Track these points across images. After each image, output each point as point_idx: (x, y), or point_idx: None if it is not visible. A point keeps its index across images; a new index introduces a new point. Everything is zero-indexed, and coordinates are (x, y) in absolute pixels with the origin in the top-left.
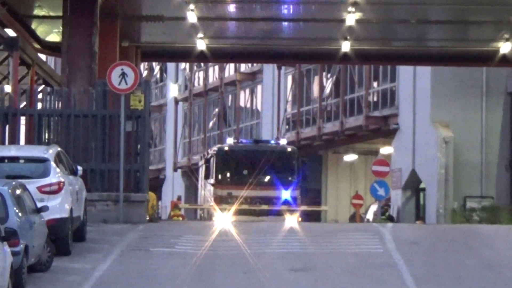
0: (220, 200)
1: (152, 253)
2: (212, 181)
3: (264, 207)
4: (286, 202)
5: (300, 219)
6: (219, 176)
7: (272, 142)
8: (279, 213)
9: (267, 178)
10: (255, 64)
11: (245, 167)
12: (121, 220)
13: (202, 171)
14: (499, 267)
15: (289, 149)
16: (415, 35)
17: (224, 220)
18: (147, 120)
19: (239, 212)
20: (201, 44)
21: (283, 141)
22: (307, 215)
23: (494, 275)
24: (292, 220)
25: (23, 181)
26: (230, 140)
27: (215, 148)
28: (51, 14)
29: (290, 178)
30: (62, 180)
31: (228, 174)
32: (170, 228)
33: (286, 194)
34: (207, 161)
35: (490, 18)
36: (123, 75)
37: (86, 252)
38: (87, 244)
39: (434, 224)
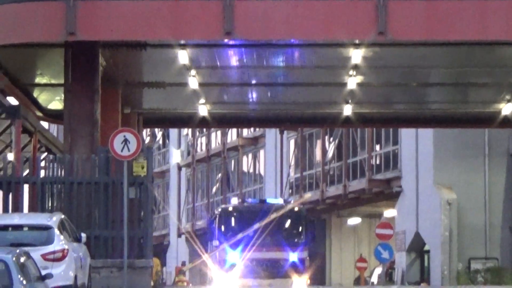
0: (225, 263)
1: None
2: (216, 243)
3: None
4: (294, 264)
5: (309, 281)
6: (223, 238)
7: (279, 201)
8: (287, 276)
9: (273, 239)
10: (257, 129)
11: (250, 227)
12: (126, 286)
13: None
14: None
15: (296, 209)
16: (416, 98)
17: (229, 284)
18: (150, 186)
19: (244, 275)
20: (203, 110)
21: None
22: (311, 278)
23: None
24: (300, 283)
25: (27, 248)
26: (234, 200)
27: (219, 208)
28: (53, 82)
29: (298, 239)
30: (66, 247)
31: (232, 235)
32: None
33: (294, 256)
34: (211, 223)
35: (491, 80)
36: (126, 141)
37: None
38: None
39: (439, 286)
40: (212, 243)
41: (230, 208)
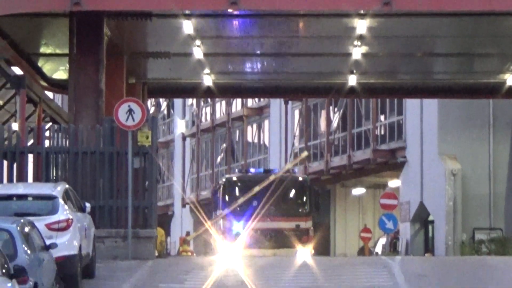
0: (229, 233)
1: None
2: (220, 212)
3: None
4: (298, 234)
5: (313, 251)
6: (227, 207)
7: (283, 171)
8: (291, 245)
9: (278, 209)
10: (262, 99)
11: (255, 197)
12: (130, 256)
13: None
14: None
15: (300, 178)
16: (421, 68)
17: (233, 254)
18: (154, 156)
19: (249, 245)
20: (207, 80)
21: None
22: (315, 248)
23: None
24: (304, 253)
25: (31, 218)
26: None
27: (223, 178)
28: (58, 51)
29: (302, 209)
30: (71, 217)
31: (237, 205)
32: (179, 264)
33: (298, 226)
34: (215, 192)
35: (496, 50)
36: (130, 111)
37: None
38: (96, 281)
39: (443, 256)
40: (216, 213)
41: (235, 178)
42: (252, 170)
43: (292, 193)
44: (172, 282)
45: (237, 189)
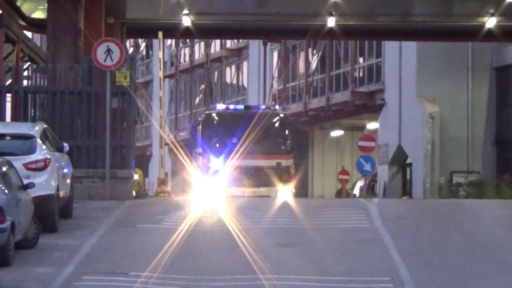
0: (207, 170)
1: (139, 229)
2: (199, 150)
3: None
4: (279, 173)
5: (294, 190)
6: (207, 145)
7: (263, 107)
8: (271, 184)
9: (258, 146)
10: (241, 40)
11: (235, 134)
12: (108, 196)
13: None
14: (484, 241)
15: (281, 114)
16: (400, 10)
17: (212, 193)
18: (132, 96)
19: (228, 184)
20: (186, 21)
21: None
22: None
23: (479, 249)
24: (285, 192)
25: (9, 158)
26: (221, 106)
27: (202, 114)
28: None
29: (283, 146)
30: (48, 157)
31: (217, 142)
32: (157, 204)
33: (279, 164)
34: (194, 129)
35: None
36: (109, 51)
37: (72, 228)
38: (73, 220)
39: (421, 199)
40: (195, 151)
41: (214, 114)
42: (231, 106)
43: (273, 130)
44: (150, 222)
45: (216, 125)
